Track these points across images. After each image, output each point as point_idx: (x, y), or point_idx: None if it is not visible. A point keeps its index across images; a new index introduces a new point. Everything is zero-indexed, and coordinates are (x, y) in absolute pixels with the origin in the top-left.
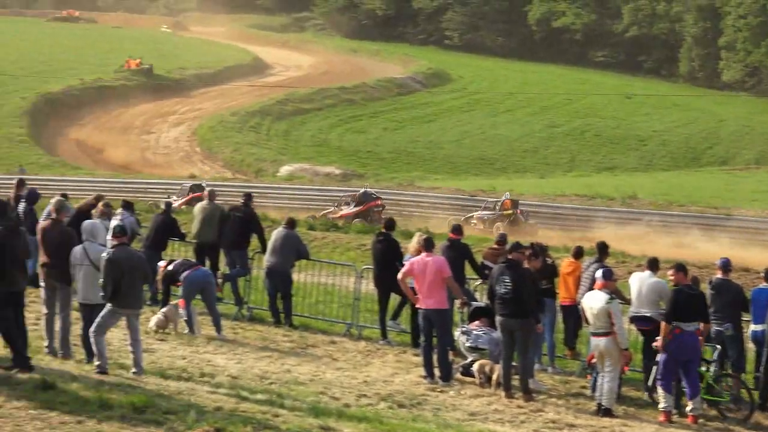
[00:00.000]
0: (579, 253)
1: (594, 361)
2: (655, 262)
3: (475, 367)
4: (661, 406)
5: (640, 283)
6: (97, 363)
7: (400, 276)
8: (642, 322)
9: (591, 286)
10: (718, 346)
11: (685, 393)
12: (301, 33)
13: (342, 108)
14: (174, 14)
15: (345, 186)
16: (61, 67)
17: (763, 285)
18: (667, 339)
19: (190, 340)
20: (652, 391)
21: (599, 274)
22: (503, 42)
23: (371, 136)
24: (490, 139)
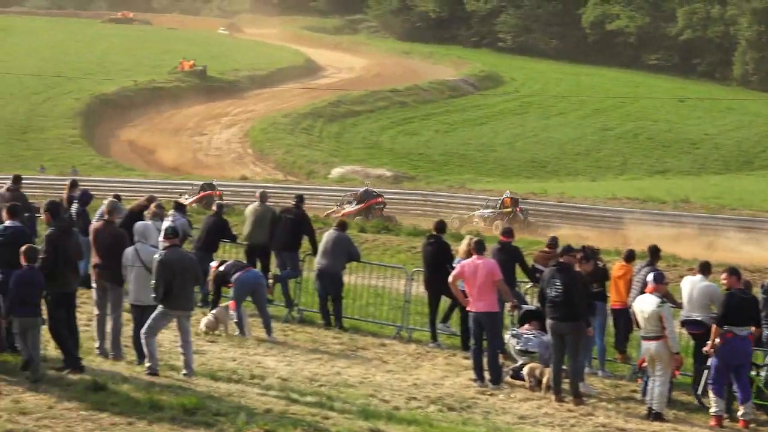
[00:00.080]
0: (630, 256)
1: (645, 364)
2: (707, 266)
3: (525, 371)
4: (713, 410)
5: (691, 286)
6: (147, 364)
7: (450, 279)
8: (693, 326)
9: (642, 290)
10: None
11: (736, 397)
12: (354, 35)
13: (394, 110)
14: (227, 16)
15: (397, 188)
16: (115, 69)
17: None
18: (718, 343)
19: (241, 342)
20: (702, 396)
21: (650, 277)
22: (556, 44)
23: (423, 139)
24: (542, 141)
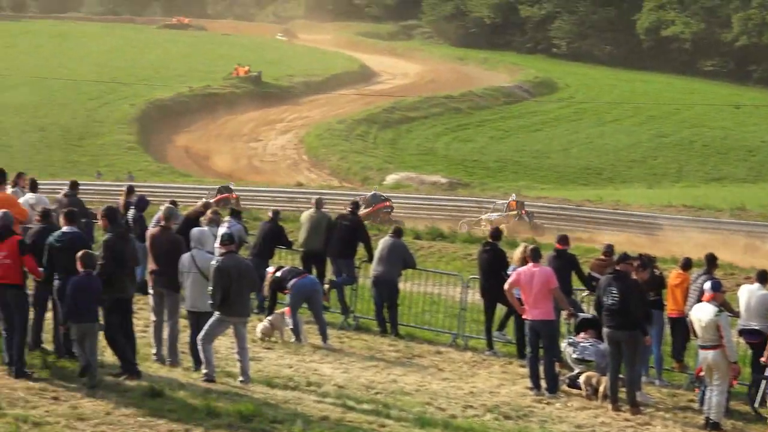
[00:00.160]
0: (687, 265)
1: (702, 374)
2: (765, 275)
3: (582, 379)
4: None
5: (749, 295)
6: (204, 371)
7: (506, 286)
8: (750, 336)
9: (699, 298)
10: None
11: None
12: (409, 41)
13: (448, 116)
14: (282, 22)
15: (452, 195)
16: (170, 75)
17: None
18: None
19: (297, 349)
20: (760, 406)
21: (708, 285)
22: (611, 51)
23: (477, 145)
24: (597, 148)
